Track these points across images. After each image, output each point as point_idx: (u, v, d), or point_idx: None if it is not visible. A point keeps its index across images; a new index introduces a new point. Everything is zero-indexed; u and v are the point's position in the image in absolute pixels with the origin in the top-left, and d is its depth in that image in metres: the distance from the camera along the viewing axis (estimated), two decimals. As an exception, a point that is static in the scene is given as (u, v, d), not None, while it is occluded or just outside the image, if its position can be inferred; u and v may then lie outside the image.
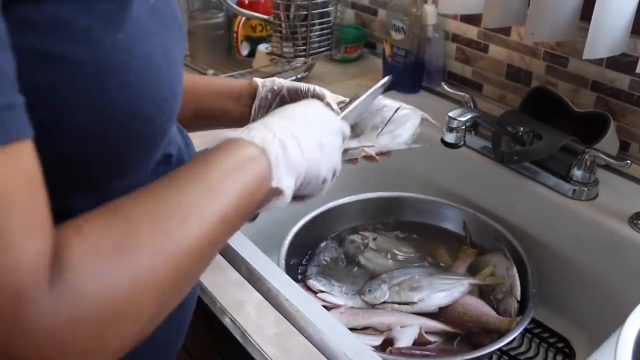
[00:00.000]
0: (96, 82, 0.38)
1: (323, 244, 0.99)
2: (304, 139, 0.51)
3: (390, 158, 0.72)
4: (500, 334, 0.80)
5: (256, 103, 0.73)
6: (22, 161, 0.32)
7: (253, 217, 0.54)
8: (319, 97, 0.70)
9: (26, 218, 0.31)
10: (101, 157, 0.42)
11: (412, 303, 0.86)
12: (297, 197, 0.55)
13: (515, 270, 0.90)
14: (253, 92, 0.73)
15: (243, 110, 0.73)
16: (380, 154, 0.70)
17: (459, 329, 0.85)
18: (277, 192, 0.49)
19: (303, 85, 0.72)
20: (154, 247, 0.37)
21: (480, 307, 0.86)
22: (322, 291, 0.87)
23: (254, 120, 0.72)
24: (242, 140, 0.48)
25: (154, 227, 0.37)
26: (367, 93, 0.68)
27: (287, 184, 0.49)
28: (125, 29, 0.39)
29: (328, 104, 0.66)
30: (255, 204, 0.47)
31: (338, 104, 0.69)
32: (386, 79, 0.71)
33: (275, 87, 0.73)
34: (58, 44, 0.36)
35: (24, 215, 0.31)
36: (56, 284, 0.32)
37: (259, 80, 0.73)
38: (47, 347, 0.31)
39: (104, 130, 0.40)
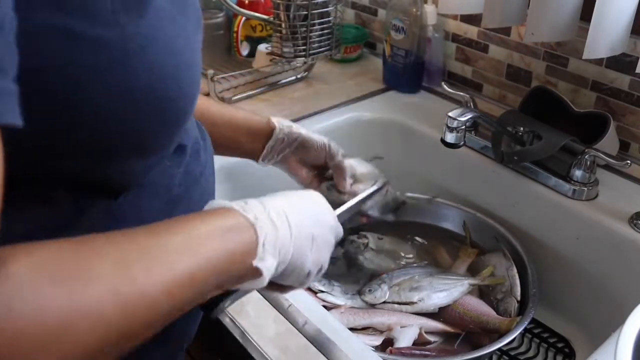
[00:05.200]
0: (121, 63, 0.40)
1: (323, 244, 0.99)
2: (297, 226, 0.50)
3: (391, 158, 0.72)
4: (500, 334, 0.80)
5: (271, 143, 0.76)
6: None
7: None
8: (332, 155, 0.77)
9: None
10: (124, 133, 0.43)
11: (412, 303, 0.86)
12: (278, 285, 0.53)
13: (515, 270, 0.90)
14: (270, 131, 0.76)
15: (255, 147, 0.77)
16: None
17: (459, 329, 0.85)
18: (257, 273, 0.46)
19: (318, 140, 0.77)
20: (107, 284, 0.35)
21: (480, 307, 0.86)
22: (322, 291, 0.87)
23: (264, 159, 0.77)
24: (235, 210, 0.47)
25: (116, 266, 0.36)
26: (363, 195, 0.74)
27: (268, 265, 0.46)
28: (147, 15, 0.41)
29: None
30: (230, 278, 0.45)
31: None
32: (381, 183, 0.79)
33: (292, 133, 0.77)
34: (88, 26, 0.38)
35: None
36: None
37: (276, 123, 0.76)
38: None
39: (126, 109, 0.42)
